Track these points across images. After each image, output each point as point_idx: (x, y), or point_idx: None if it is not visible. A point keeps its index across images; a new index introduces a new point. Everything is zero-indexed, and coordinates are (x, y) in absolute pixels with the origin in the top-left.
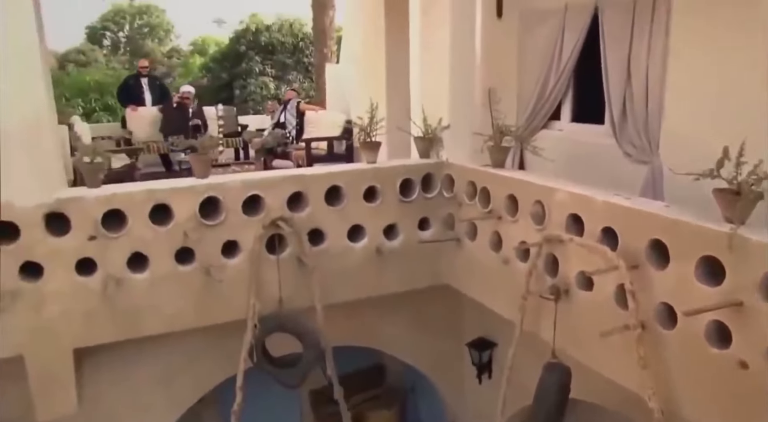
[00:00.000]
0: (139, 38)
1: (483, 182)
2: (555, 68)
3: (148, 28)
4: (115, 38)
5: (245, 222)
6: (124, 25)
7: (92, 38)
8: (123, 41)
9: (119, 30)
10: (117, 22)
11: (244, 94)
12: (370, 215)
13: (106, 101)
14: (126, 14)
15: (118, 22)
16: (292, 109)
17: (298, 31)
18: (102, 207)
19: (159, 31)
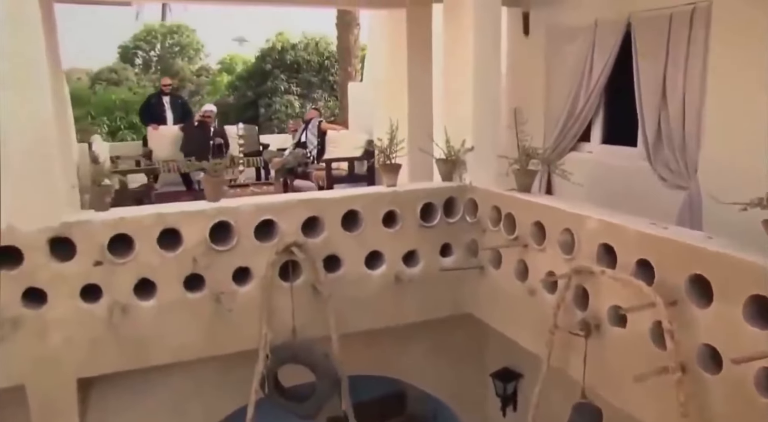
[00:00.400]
0: (169, 57)
1: (508, 208)
2: (584, 87)
3: (178, 47)
4: (147, 57)
5: (257, 248)
6: (156, 45)
7: (124, 57)
8: (154, 60)
9: (151, 49)
10: (149, 42)
11: (269, 112)
12: (389, 240)
13: (131, 120)
14: (158, 34)
15: (150, 41)
16: (314, 128)
17: (324, 50)
18: (109, 231)
19: (189, 50)
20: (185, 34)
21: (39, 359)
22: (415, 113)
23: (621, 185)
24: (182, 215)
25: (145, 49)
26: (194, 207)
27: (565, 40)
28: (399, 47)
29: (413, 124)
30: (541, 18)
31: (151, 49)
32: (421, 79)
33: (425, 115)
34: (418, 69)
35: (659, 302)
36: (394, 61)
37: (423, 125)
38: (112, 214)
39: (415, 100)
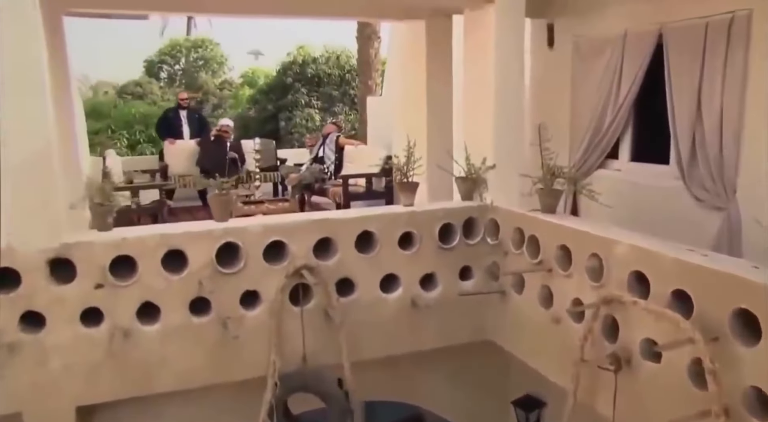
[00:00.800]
0: (193, 71)
1: (532, 230)
2: (613, 101)
3: (202, 60)
4: (172, 71)
5: (266, 270)
6: (180, 59)
7: (150, 71)
8: (179, 74)
9: (176, 63)
10: (173, 56)
11: (290, 126)
12: (406, 263)
13: (151, 133)
14: (182, 48)
15: (175, 55)
16: (332, 143)
17: (345, 63)
18: (110, 253)
19: (213, 64)
20: (209, 48)
21: (37, 385)
22: (434, 129)
23: (651, 205)
24: (187, 235)
25: (170, 63)
26: (200, 227)
27: (593, 52)
28: (418, 60)
29: (432, 140)
30: (567, 29)
31: (175, 63)
32: (441, 94)
33: (445, 130)
34: (437, 83)
35: (699, 339)
36: (413, 74)
37: (442, 141)
38: (115, 234)
39: (435, 115)
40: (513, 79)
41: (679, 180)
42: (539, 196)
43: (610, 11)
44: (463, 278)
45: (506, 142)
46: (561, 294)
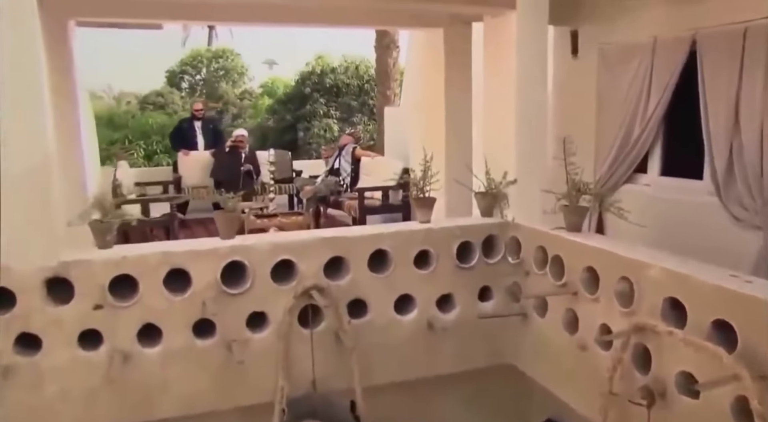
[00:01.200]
0: (214, 81)
1: (555, 249)
2: (641, 112)
3: (223, 71)
4: (193, 81)
5: (274, 291)
6: (202, 69)
7: (171, 81)
8: (200, 84)
9: (197, 73)
10: (195, 66)
11: (308, 136)
12: (422, 283)
13: (168, 143)
14: (203, 58)
15: (196, 65)
16: (348, 155)
17: (364, 73)
18: (110, 272)
19: (233, 74)
20: (230, 58)
21: (32, 410)
22: (453, 141)
23: (683, 223)
24: (191, 254)
25: (191, 73)
26: (204, 245)
27: (620, 60)
28: (436, 69)
29: (450, 152)
30: (592, 36)
31: (196, 73)
32: (460, 104)
33: (464, 143)
34: (456, 93)
35: (745, 376)
36: (431, 84)
37: (461, 153)
38: (115, 252)
39: (453, 126)
40: (536, 90)
41: (713, 196)
42: (564, 213)
43: (639, 17)
44: (483, 299)
45: (528, 155)
46: (587, 319)
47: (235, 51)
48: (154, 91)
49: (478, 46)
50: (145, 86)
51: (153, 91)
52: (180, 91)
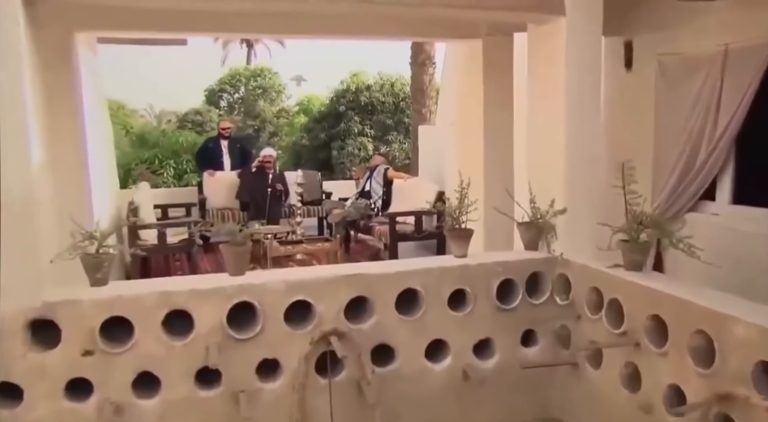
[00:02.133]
0: (252, 99)
1: (613, 291)
2: (709, 132)
3: (261, 89)
4: (231, 99)
5: (288, 336)
6: (240, 87)
7: (210, 100)
8: (238, 102)
9: (235, 92)
10: (233, 85)
11: (342, 155)
12: (457, 326)
13: None
14: (242, 77)
15: (234, 84)
16: (379, 176)
17: (399, 91)
18: (102, 314)
19: (271, 92)
20: (268, 77)
21: None
22: (492, 164)
23: (758, 258)
24: (194, 294)
25: (230, 91)
26: (209, 283)
27: (683, 73)
28: (474, 85)
29: (490, 177)
30: (649, 47)
31: (235, 92)
32: (500, 123)
33: (504, 166)
34: (496, 111)
35: None
36: (469, 101)
37: (501, 178)
38: (108, 291)
39: (493, 148)
40: (588, 107)
41: None
42: (622, 250)
43: (705, 24)
44: (526, 345)
45: (579, 182)
46: (653, 376)
47: (273, 70)
48: (193, 109)
49: (520, 58)
50: (185, 105)
51: (192, 109)
52: (218, 110)
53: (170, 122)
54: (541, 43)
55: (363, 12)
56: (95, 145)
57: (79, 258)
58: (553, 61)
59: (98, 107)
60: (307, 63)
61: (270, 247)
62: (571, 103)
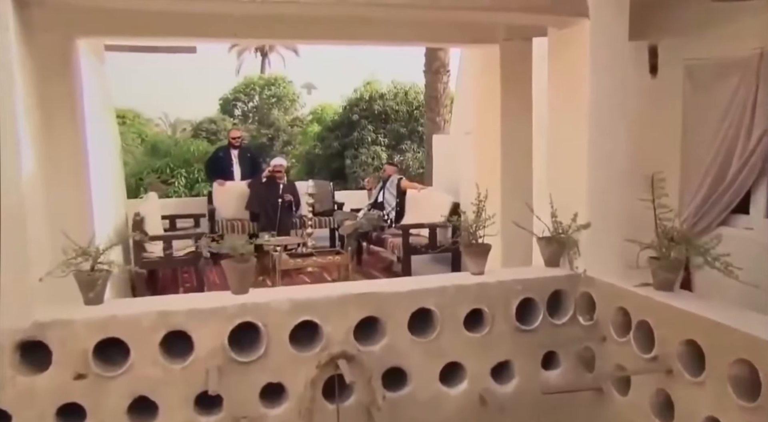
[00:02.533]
0: (266, 108)
1: (642, 313)
2: (742, 141)
3: (275, 98)
4: (245, 108)
5: (294, 359)
6: (254, 96)
7: (224, 109)
8: (252, 111)
9: (249, 101)
10: (247, 94)
11: (355, 164)
12: (473, 348)
13: None
14: (256, 86)
15: (249, 93)
16: (392, 186)
17: (413, 99)
18: (95, 335)
19: (285, 101)
20: (282, 86)
21: None
22: (510, 175)
23: None
24: (193, 314)
25: (244, 100)
26: (210, 302)
27: (713, 79)
28: (490, 92)
29: (507, 189)
30: (676, 51)
31: (249, 101)
32: (519, 132)
33: (523, 178)
34: (514, 119)
35: None
36: (485, 109)
37: (520, 190)
38: (102, 311)
39: (511, 158)
40: (613, 116)
41: None
42: (652, 268)
43: (739, 26)
44: (547, 367)
45: (604, 194)
46: (687, 407)
47: (287, 78)
48: (207, 118)
49: (539, 64)
50: (200, 114)
51: (206, 118)
52: (233, 119)
53: (185, 130)
54: (562, 47)
55: (376, 15)
56: (99, 154)
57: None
58: (576, 66)
59: (105, 115)
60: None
61: (279, 260)
62: (595, 111)
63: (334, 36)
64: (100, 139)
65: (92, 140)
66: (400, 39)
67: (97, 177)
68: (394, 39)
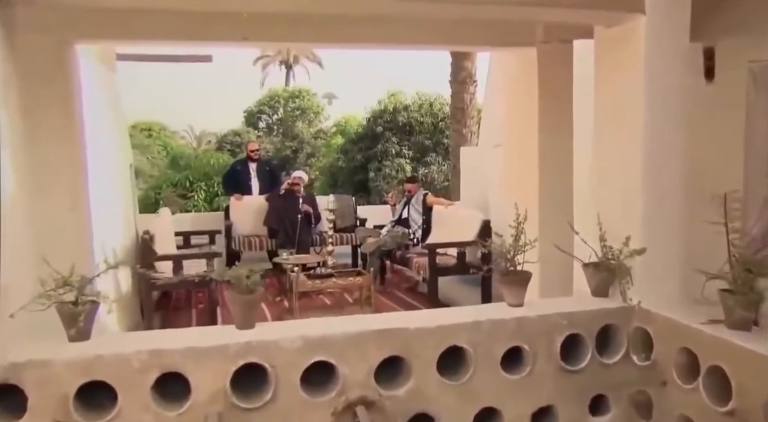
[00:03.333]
0: (290, 120)
1: (714, 356)
2: None
3: (299, 110)
4: (270, 121)
5: (306, 405)
6: (279, 109)
7: (249, 121)
8: (276, 123)
9: (274, 113)
10: (272, 106)
11: (379, 177)
12: (512, 392)
13: None
14: (280, 98)
15: (273, 105)
16: (418, 203)
17: (438, 111)
18: (77, 378)
19: (309, 114)
20: (306, 98)
21: None
22: (549, 192)
23: None
24: (191, 353)
25: (269, 113)
26: (210, 339)
27: None
28: (525, 102)
29: (546, 207)
30: (737, 53)
31: (274, 113)
32: (558, 144)
33: (563, 195)
34: (553, 130)
35: None
36: (519, 119)
37: (560, 209)
38: (87, 350)
39: (550, 173)
40: (672, 125)
41: None
42: (725, 303)
43: None
44: (595, 413)
45: (661, 216)
46: None
47: (312, 91)
48: (232, 130)
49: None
50: (225, 126)
51: (231, 130)
52: (257, 131)
53: (210, 143)
54: (611, 48)
55: (401, 13)
56: (103, 168)
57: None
58: (627, 70)
59: (113, 126)
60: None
61: (296, 281)
62: (650, 120)
63: (355, 39)
64: (106, 151)
65: (94, 152)
66: (424, 42)
67: (100, 193)
68: (418, 42)
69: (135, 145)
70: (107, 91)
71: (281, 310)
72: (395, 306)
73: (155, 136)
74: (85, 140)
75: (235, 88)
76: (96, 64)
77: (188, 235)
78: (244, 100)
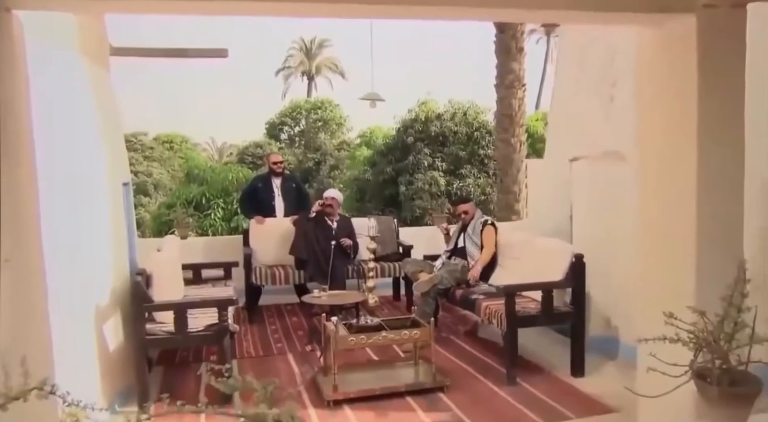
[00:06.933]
0: (312, 132)
1: None
2: None
3: (322, 122)
4: (292, 132)
5: None
6: (301, 120)
7: (271, 133)
8: (298, 135)
9: (296, 125)
10: (294, 117)
11: (410, 190)
12: None
13: None
14: (302, 110)
15: (295, 117)
16: (475, 234)
17: (473, 120)
18: None
19: (332, 125)
20: (328, 109)
21: None
22: (712, 219)
23: None
24: None
25: (290, 124)
26: None
27: None
28: (670, 93)
29: (706, 239)
30: None
31: (296, 125)
32: (727, 150)
33: (731, 229)
34: (719, 130)
35: None
36: (661, 119)
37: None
38: None
39: (715, 192)
40: None
41: None
42: None
43: None
44: None
45: None
46: None
47: (334, 102)
48: (254, 142)
49: (759, 46)
50: (246, 138)
51: (252, 142)
52: (279, 143)
53: (231, 155)
54: None
55: None
56: (78, 193)
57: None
58: None
59: (102, 138)
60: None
61: (335, 337)
62: None
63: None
64: (84, 170)
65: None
66: (537, 5)
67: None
68: (529, 5)
69: (156, 158)
70: (94, 93)
71: (312, 364)
72: (459, 362)
73: (176, 148)
74: (34, 158)
75: (257, 99)
76: (75, 57)
77: (198, 268)
78: (265, 111)
